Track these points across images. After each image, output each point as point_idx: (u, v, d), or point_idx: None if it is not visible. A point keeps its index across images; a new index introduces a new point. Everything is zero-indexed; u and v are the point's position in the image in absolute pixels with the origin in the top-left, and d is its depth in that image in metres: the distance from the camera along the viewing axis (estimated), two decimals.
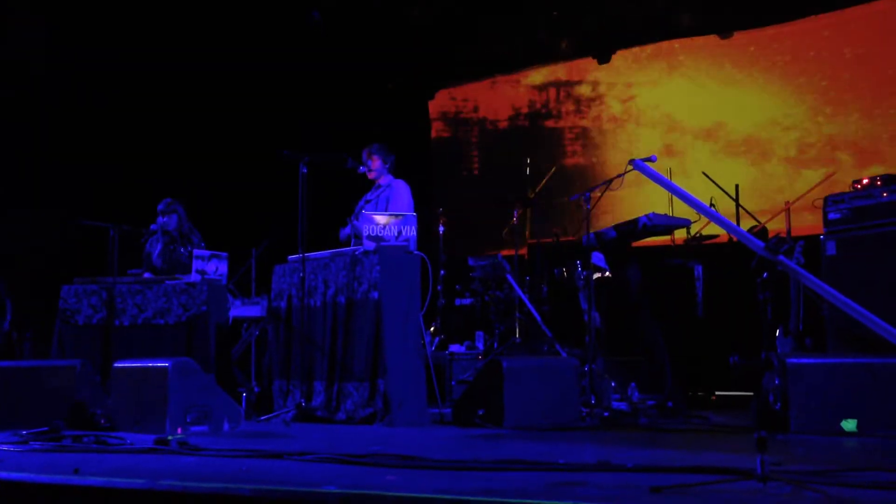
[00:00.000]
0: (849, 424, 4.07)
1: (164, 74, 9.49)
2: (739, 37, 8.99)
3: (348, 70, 10.00)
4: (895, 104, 8.12)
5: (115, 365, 4.88)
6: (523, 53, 10.18)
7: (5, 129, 8.62)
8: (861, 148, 8.19)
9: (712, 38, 9.11)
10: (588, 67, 9.94)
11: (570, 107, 10.04)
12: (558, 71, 10.18)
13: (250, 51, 9.65)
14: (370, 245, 5.23)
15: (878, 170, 7.15)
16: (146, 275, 6.40)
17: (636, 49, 9.55)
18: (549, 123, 10.17)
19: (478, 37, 9.98)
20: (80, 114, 9.13)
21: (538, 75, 10.33)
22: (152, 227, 6.65)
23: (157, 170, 9.09)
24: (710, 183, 7.32)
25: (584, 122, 9.93)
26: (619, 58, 9.67)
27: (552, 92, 10.20)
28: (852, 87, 8.36)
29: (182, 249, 6.58)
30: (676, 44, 9.33)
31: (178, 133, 9.52)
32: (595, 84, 9.91)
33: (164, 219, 6.60)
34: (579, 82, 10.03)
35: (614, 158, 9.46)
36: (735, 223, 5.85)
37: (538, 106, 10.29)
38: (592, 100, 9.92)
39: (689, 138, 8.87)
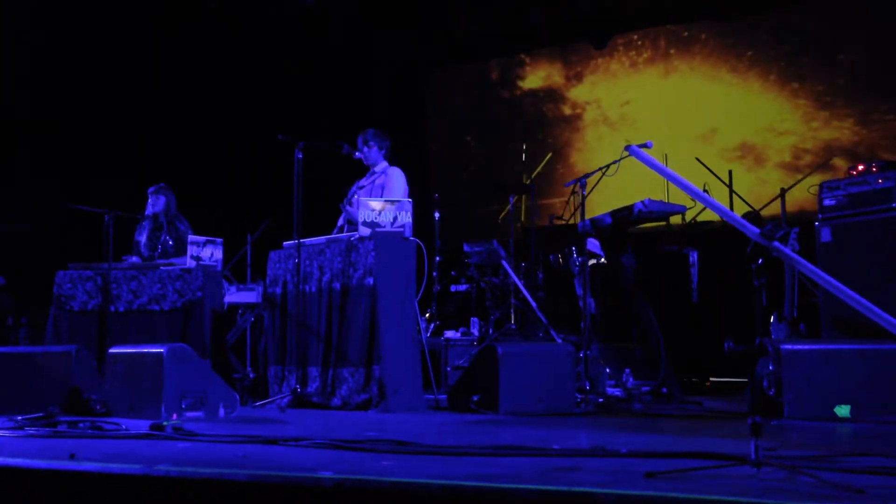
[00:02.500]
0: (842, 410, 4.08)
1: (160, 60, 9.45)
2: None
3: (344, 54, 9.96)
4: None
5: (111, 350, 4.88)
6: (520, 38, 10.15)
7: None
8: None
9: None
10: (585, 53, 9.91)
11: (567, 92, 10.02)
12: (555, 56, 10.15)
13: (245, 33, 9.61)
14: (366, 231, 5.22)
15: None
16: (135, 259, 6.40)
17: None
18: (546, 109, 10.15)
19: (474, 21, 9.95)
20: (76, 97, 9.08)
21: (535, 60, 10.30)
22: (146, 212, 6.63)
23: (152, 156, 9.06)
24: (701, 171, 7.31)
25: (580, 108, 9.91)
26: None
27: (549, 77, 10.18)
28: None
29: (167, 237, 6.55)
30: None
31: (173, 119, 9.48)
32: (592, 71, 9.89)
33: (152, 199, 6.57)
34: (576, 68, 10.01)
35: (609, 145, 9.45)
36: (729, 209, 5.84)
37: (535, 91, 10.26)
38: (589, 86, 9.89)
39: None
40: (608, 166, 5.40)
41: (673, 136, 8.88)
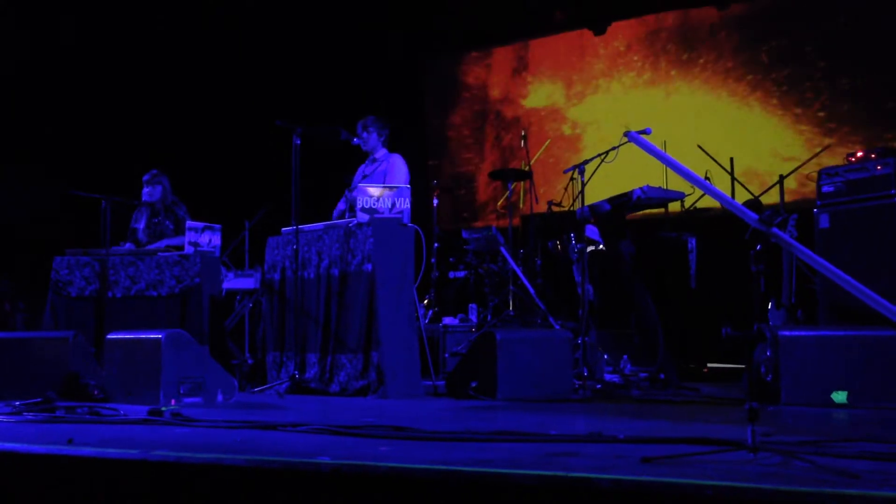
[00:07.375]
0: (839, 396, 4.10)
1: (157, 43, 9.41)
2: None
3: (343, 40, 9.92)
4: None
5: (109, 336, 4.88)
6: (518, 24, 10.10)
7: None
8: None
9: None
10: (583, 40, 9.86)
11: (566, 79, 9.98)
12: (554, 43, 10.10)
13: (244, 17, 9.57)
14: (364, 217, 5.21)
15: None
16: (130, 246, 6.39)
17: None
18: (545, 96, 10.12)
19: (473, 7, 9.90)
20: (74, 82, 9.05)
21: (533, 47, 10.26)
22: (143, 199, 6.61)
23: (149, 141, 9.03)
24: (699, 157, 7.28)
25: (579, 96, 9.87)
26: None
27: (548, 64, 10.14)
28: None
29: (167, 222, 6.54)
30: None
31: (171, 103, 9.45)
32: (592, 58, 9.85)
33: (149, 188, 6.56)
34: (575, 54, 9.97)
35: (609, 133, 9.41)
36: (730, 196, 5.83)
37: (534, 78, 10.23)
38: (589, 73, 9.85)
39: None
40: (607, 152, 5.40)
41: (673, 124, 8.85)
